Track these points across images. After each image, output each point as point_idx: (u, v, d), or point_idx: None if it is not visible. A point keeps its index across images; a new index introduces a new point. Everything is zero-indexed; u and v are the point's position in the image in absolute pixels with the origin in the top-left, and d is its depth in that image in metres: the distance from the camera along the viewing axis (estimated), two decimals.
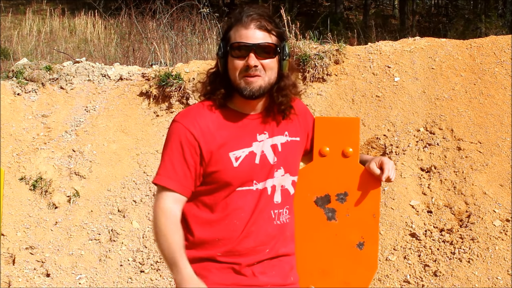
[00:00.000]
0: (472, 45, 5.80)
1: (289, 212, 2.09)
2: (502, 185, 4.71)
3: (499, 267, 4.18)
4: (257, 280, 1.99)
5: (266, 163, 2.04)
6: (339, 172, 2.16)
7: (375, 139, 5.37)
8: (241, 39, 2.00)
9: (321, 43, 6.27)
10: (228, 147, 1.98)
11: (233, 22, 2.05)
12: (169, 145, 2.02)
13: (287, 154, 2.09)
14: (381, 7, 18.22)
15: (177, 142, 2.00)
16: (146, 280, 4.77)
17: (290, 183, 2.10)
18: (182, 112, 2.07)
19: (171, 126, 2.05)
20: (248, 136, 2.03)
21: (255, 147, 2.02)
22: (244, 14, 2.02)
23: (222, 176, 1.98)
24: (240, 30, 2.01)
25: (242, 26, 2.01)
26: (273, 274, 2.03)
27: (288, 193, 2.08)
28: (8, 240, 5.21)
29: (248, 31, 2.00)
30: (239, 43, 1.99)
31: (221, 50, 2.05)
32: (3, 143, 6.00)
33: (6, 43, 10.16)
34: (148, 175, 5.58)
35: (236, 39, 2.01)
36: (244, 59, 1.99)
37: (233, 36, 2.02)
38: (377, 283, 4.34)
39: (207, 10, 9.27)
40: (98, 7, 10.81)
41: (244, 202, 2.00)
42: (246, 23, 2.00)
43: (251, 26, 2.00)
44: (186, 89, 6.09)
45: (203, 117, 2.01)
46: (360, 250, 2.13)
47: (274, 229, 2.04)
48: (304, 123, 2.19)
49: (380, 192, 2.15)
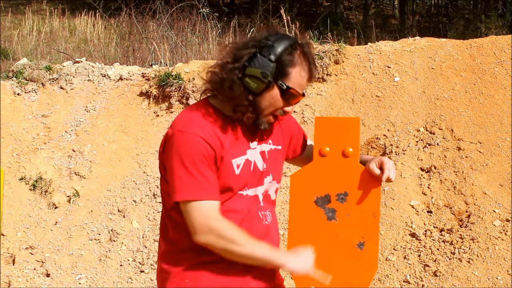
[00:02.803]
0: (472, 45, 5.80)
1: (272, 215, 2.12)
2: (502, 185, 4.71)
3: (499, 267, 4.18)
4: (248, 282, 2.01)
5: (257, 170, 2.04)
6: (339, 172, 2.16)
7: (375, 139, 5.37)
8: (300, 89, 1.95)
9: (321, 43, 6.27)
10: (231, 154, 1.97)
11: (295, 56, 1.92)
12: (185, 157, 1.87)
13: (273, 162, 2.11)
14: (381, 7, 18.22)
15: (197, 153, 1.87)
16: (146, 280, 4.77)
17: (274, 190, 2.12)
18: (185, 120, 1.94)
19: (178, 136, 1.89)
20: (244, 144, 2.01)
21: (249, 154, 2.02)
22: (310, 60, 1.94)
23: (225, 183, 1.95)
24: (304, 78, 1.94)
25: (307, 76, 1.95)
26: (261, 276, 2.05)
27: (269, 198, 2.11)
28: (8, 240, 5.21)
29: (306, 83, 1.97)
30: (298, 93, 1.95)
31: (273, 75, 1.90)
32: (3, 143, 6.00)
33: (6, 43, 10.16)
34: (148, 175, 5.58)
35: (296, 87, 1.93)
36: (286, 103, 1.96)
37: (294, 78, 1.92)
38: (377, 283, 4.34)
39: (207, 10, 9.28)
40: (98, 7, 10.81)
41: (236, 205, 2.00)
42: (310, 75, 1.95)
43: (311, 79, 1.97)
44: (186, 89, 6.09)
45: (208, 124, 1.94)
46: (360, 250, 2.13)
47: (263, 229, 2.06)
48: (286, 130, 2.19)
49: (380, 192, 2.15)
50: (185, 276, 1.98)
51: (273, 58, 1.88)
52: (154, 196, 5.38)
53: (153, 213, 5.25)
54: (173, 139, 1.91)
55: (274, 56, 1.88)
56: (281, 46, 1.90)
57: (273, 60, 1.88)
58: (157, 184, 5.44)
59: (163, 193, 2.06)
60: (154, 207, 5.30)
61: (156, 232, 5.07)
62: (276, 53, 1.89)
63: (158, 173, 5.51)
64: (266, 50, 1.89)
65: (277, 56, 1.89)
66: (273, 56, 1.88)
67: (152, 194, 5.40)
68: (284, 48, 1.90)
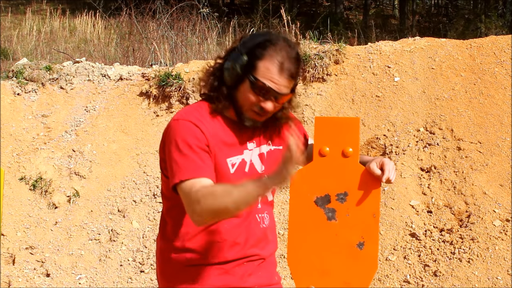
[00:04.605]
0: (472, 45, 5.80)
1: (269, 217, 2.14)
2: (502, 185, 4.72)
3: (499, 267, 4.19)
4: (246, 281, 2.02)
5: (254, 172, 2.05)
6: (339, 172, 2.16)
7: (375, 139, 5.37)
8: (270, 83, 1.89)
9: (321, 43, 6.27)
10: (226, 152, 1.97)
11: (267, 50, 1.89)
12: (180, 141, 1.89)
13: (272, 163, 2.10)
14: (381, 7, 18.22)
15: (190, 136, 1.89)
16: (146, 280, 4.77)
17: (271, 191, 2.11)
18: (182, 111, 1.98)
19: (174, 125, 1.93)
20: (240, 144, 2.02)
21: (246, 155, 2.03)
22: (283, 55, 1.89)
23: (219, 181, 1.94)
24: (272, 71, 1.89)
25: (277, 69, 1.88)
26: (259, 274, 2.07)
27: (266, 199, 2.12)
28: (8, 240, 5.21)
29: (280, 79, 1.89)
30: (266, 86, 1.89)
31: (242, 68, 1.90)
32: (3, 143, 6.00)
33: (6, 43, 10.16)
34: (148, 175, 5.58)
35: (264, 79, 1.89)
36: (261, 98, 1.92)
37: (262, 71, 1.89)
38: (377, 283, 4.34)
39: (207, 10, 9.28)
40: (98, 7, 10.81)
41: None
42: (281, 70, 1.88)
43: (284, 75, 1.89)
44: (186, 89, 6.10)
45: (206, 118, 1.96)
46: (360, 250, 2.13)
47: (261, 232, 2.08)
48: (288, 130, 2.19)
49: (380, 192, 2.15)
50: (183, 276, 1.99)
51: (244, 51, 1.91)
52: (154, 196, 5.38)
53: (153, 213, 5.26)
54: (169, 128, 1.95)
55: (246, 49, 1.91)
56: (256, 40, 1.92)
57: (244, 53, 1.91)
58: (157, 184, 5.44)
59: (164, 190, 2.06)
60: (154, 207, 5.30)
61: (156, 232, 5.07)
62: (248, 47, 1.92)
63: (158, 173, 5.51)
64: (242, 45, 1.94)
65: (249, 49, 1.91)
66: (244, 49, 1.91)
67: (152, 194, 5.40)
68: (257, 42, 1.92)
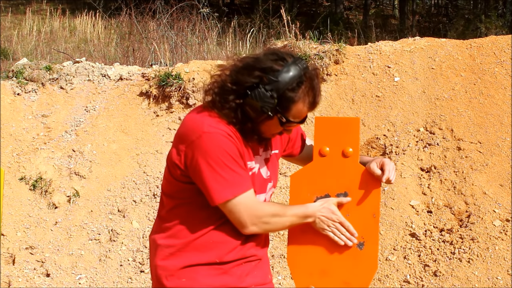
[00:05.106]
0: (472, 45, 5.80)
1: None
2: (502, 185, 4.72)
3: (499, 267, 4.19)
4: (243, 281, 2.03)
5: (261, 178, 2.08)
6: (339, 172, 2.16)
7: (375, 139, 5.37)
8: (299, 118, 1.96)
9: (321, 43, 6.27)
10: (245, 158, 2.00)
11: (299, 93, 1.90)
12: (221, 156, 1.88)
13: (273, 167, 2.15)
14: (381, 7, 18.22)
15: (229, 149, 1.90)
16: (146, 280, 4.77)
17: (270, 194, 2.18)
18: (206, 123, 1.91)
19: (207, 138, 1.89)
20: (253, 149, 2.05)
21: (257, 160, 2.06)
22: (315, 92, 1.93)
23: None
24: (304, 110, 1.94)
25: (307, 108, 1.94)
26: (255, 274, 2.08)
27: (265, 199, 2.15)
28: (8, 240, 5.21)
29: (307, 113, 1.98)
30: (296, 123, 1.97)
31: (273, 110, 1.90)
32: (3, 143, 6.00)
33: (6, 43, 10.16)
34: (148, 175, 5.58)
35: (296, 118, 1.95)
36: (287, 129, 2.02)
37: (294, 113, 1.93)
38: (377, 283, 4.34)
39: (207, 10, 9.28)
40: (98, 7, 10.81)
41: None
42: (312, 107, 1.95)
43: (313, 108, 1.97)
44: (186, 89, 6.09)
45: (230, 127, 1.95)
46: (360, 250, 2.13)
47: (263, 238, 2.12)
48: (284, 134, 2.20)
49: (380, 192, 2.15)
50: (182, 275, 1.99)
51: (275, 95, 1.87)
52: (154, 196, 5.38)
53: (153, 213, 5.25)
54: (201, 140, 1.89)
55: (277, 93, 1.87)
56: (285, 81, 1.87)
57: (275, 97, 1.87)
58: (157, 184, 5.44)
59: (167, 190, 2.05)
60: (154, 207, 5.30)
61: None
62: (279, 89, 1.87)
63: (158, 173, 5.51)
64: (269, 84, 1.87)
65: (280, 92, 1.88)
66: (275, 93, 1.87)
67: (152, 194, 5.40)
68: (287, 84, 1.87)
